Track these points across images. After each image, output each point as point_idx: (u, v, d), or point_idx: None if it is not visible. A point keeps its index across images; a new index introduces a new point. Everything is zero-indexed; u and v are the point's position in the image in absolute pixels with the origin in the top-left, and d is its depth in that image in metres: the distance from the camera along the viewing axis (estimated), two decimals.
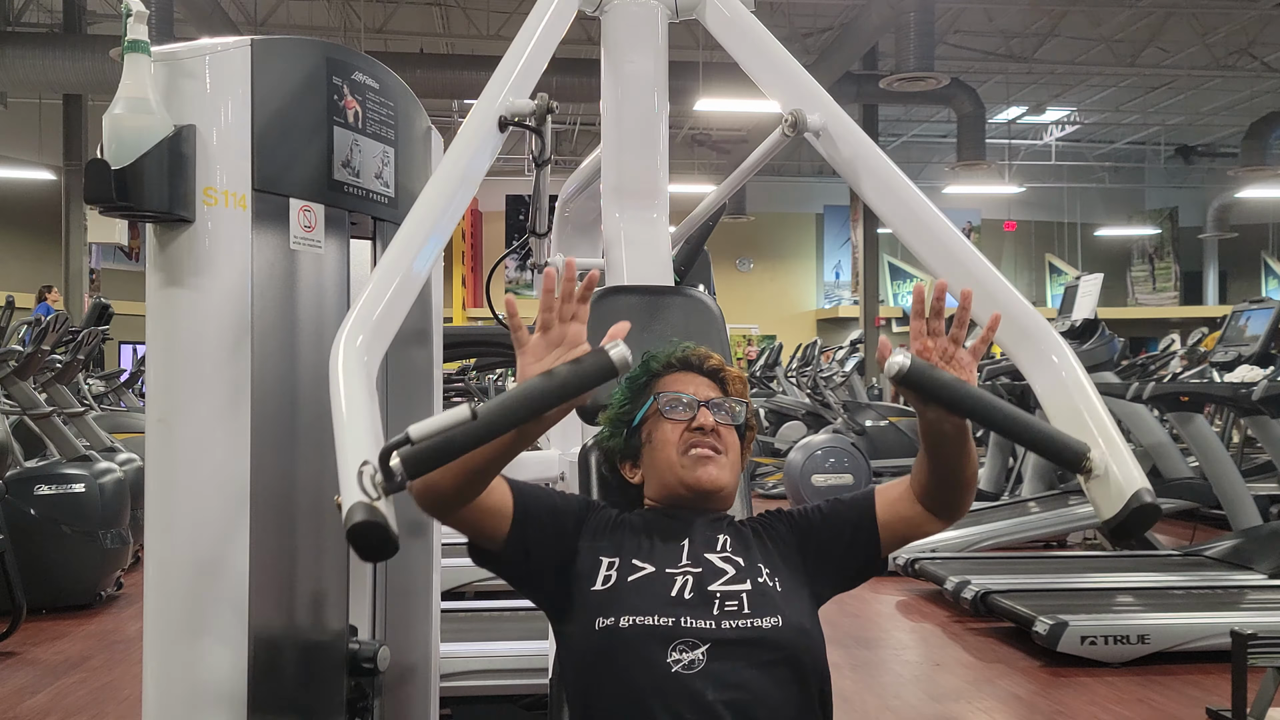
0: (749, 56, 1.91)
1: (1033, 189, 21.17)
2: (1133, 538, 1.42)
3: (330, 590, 1.81)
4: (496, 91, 1.70)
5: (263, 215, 1.65)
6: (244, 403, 1.62)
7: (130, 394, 9.34)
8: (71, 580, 5.16)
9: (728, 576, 1.44)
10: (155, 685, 1.63)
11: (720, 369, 1.61)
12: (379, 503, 1.13)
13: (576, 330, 1.30)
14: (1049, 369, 1.56)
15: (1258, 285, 22.00)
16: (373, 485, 1.14)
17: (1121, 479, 1.38)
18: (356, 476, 1.14)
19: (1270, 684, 2.90)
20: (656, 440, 1.55)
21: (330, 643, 1.79)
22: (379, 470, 1.14)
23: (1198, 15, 13.15)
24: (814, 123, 1.78)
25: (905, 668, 4.45)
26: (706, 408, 1.54)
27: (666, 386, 1.58)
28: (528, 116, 1.72)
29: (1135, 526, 1.37)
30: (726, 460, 1.54)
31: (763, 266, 21.85)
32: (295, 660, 1.74)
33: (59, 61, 10.86)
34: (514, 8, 12.39)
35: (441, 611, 2.25)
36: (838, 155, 1.82)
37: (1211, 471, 5.95)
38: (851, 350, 13.51)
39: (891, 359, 1.27)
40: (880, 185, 1.79)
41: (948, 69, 12.16)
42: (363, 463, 1.16)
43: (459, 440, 1.16)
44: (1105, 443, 1.43)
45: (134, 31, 1.54)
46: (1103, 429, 1.46)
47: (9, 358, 5.42)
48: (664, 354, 1.62)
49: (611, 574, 1.44)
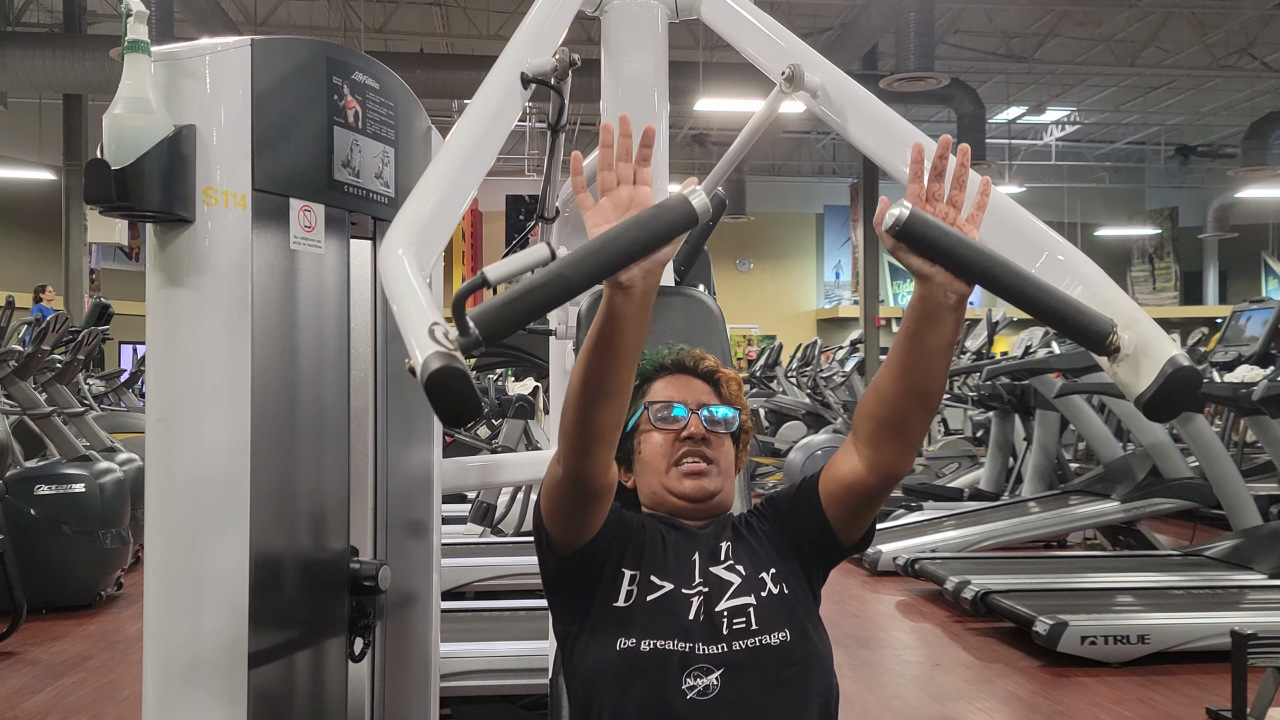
0: (746, 36, 1.90)
1: (1033, 189, 21.15)
2: (1173, 414, 1.27)
3: (331, 594, 1.81)
4: (518, 50, 1.69)
5: (263, 215, 1.65)
6: (244, 403, 1.61)
7: (130, 394, 9.35)
8: (71, 580, 5.17)
9: (734, 588, 1.42)
10: (156, 685, 1.63)
11: (715, 371, 1.57)
12: (455, 351, 1.05)
13: (645, 193, 1.20)
14: (1072, 276, 1.46)
15: (1258, 285, 22.01)
16: (447, 340, 1.07)
17: (1153, 349, 1.26)
18: (428, 333, 1.07)
19: (1270, 684, 2.90)
20: (646, 452, 1.52)
21: (333, 676, 1.79)
22: (453, 324, 1.06)
23: (1198, 15, 13.15)
24: (811, 82, 1.75)
25: (905, 668, 4.45)
26: (697, 415, 1.50)
27: (658, 393, 1.54)
28: (550, 75, 1.70)
29: (1174, 396, 1.22)
30: (718, 469, 1.51)
31: (763, 266, 21.84)
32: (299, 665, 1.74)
33: (59, 61, 10.86)
34: (514, 8, 12.38)
35: (441, 611, 2.25)
36: (834, 110, 1.78)
37: (1211, 471, 5.95)
38: (851, 350, 13.50)
39: (890, 210, 1.17)
40: (879, 130, 1.76)
41: (948, 69, 12.15)
42: (433, 323, 1.09)
43: (539, 289, 1.06)
44: (1133, 322, 1.30)
45: (134, 31, 1.54)
46: (1128, 311, 1.33)
47: (9, 358, 5.42)
48: (656, 356, 1.58)
49: (633, 589, 1.42)
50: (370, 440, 1.94)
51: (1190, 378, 1.21)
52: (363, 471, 1.93)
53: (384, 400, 1.95)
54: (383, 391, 1.95)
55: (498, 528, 5.97)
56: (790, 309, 22.01)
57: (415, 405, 2.07)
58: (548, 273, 1.07)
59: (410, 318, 1.15)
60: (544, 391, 7.51)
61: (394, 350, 1.96)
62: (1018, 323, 13.20)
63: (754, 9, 1.93)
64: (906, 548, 6.19)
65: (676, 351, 1.59)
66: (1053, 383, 6.65)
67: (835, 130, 1.84)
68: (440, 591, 2.24)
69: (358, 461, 1.91)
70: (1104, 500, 6.40)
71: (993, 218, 1.34)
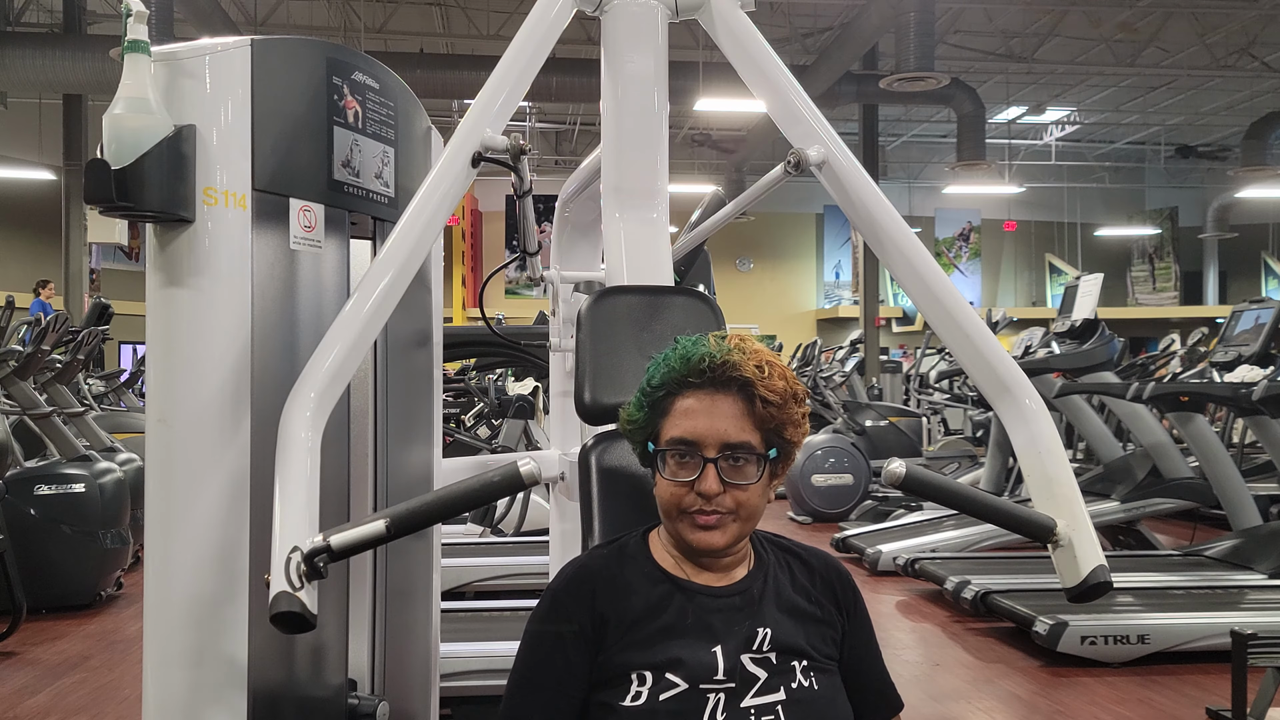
0: (749, 71, 1.94)
1: (1033, 189, 21.17)
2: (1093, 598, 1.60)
3: (331, 592, 1.80)
4: (473, 125, 1.73)
5: (263, 215, 1.65)
6: (244, 403, 1.61)
7: (130, 394, 9.35)
8: (71, 580, 5.16)
9: (760, 683, 1.30)
10: (156, 685, 1.63)
11: (752, 383, 1.32)
12: (300, 592, 1.32)
13: None
14: (1025, 427, 1.70)
15: (1258, 285, 22.02)
16: (298, 575, 1.32)
17: (1083, 554, 1.56)
18: (285, 563, 1.33)
19: (1270, 684, 2.90)
20: (660, 488, 1.35)
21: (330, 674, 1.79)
22: (304, 564, 1.33)
23: (1197, 15, 13.15)
24: (814, 157, 1.82)
25: (905, 668, 4.45)
26: (715, 466, 1.30)
27: (677, 421, 1.33)
28: (501, 153, 1.75)
29: (1091, 598, 1.57)
30: (735, 518, 1.33)
31: (763, 266, 21.85)
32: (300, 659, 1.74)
33: (59, 61, 10.86)
34: (514, 8, 12.38)
35: (441, 611, 2.25)
36: (840, 193, 1.86)
37: (1211, 471, 5.95)
38: (851, 350, 13.50)
39: (889, 468, 1.48)
40: (881, 232, 1.83)
41: (948, 69, 12.16)
42: (292, 549, 1.34)
43: (374, 544, 1.38)
44: (1070, 515, 1.59)
45: (134, 31, 1.54)
46: (1068, 500, 1.61)
47: (9, 358, 5.42)
48: (680, 363, 1.35)
49: (643, 691, 1.28)
50: (370, 440, 1.94)
51: (1106, 588, 1.55)
52: (362, 471, 1.93)
53: (384, 400, 1.95)
54: (382, 392, 1.95)
55: (498, 528, 5.97)
56: (790, 309, 22.02)
57: (415, 405, 2.07)
58: (383, 536, 1.37)
59: (280, 531, 1.38)
60: (544, 391, 7.51)
61: (393, 351, 1.96)
62: (1018, 323, 13.22)
63: (754, 31, 1.95)
64: (906, 548, 6.19)
65: (707, 358, 1.34)
66: (1053, 383, 6.64)
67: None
68: (440, 591, 2.24)
69: (358, 461, 1.91)
70: (1104, 500, 6.39)
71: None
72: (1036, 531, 1.58)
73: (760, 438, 1.33)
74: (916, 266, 1.81)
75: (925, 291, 1.80)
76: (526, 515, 6.02)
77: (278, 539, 1.37)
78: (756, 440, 1.33)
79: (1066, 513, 1.60)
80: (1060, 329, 6.88)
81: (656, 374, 1.37)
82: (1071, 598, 1.58)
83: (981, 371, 1.78)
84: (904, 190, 21.41)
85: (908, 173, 21.66)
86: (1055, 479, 1.64)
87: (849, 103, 13.59)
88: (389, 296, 1.62)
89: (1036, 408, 1.71)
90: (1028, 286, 23.46)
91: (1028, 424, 1.70)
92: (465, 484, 1.41)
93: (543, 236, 2.43)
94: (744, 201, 2.21)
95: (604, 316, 1.76)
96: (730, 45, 1.95)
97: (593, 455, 1.69)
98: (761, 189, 2.05)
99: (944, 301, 1.79)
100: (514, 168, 1.83)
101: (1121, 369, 7.38)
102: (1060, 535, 1.57)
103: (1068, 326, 6.76)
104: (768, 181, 2.01)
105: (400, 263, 1.63)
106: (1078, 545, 1.57)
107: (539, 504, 6.07)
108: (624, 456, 1.65)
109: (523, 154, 1.79)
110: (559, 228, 2.98)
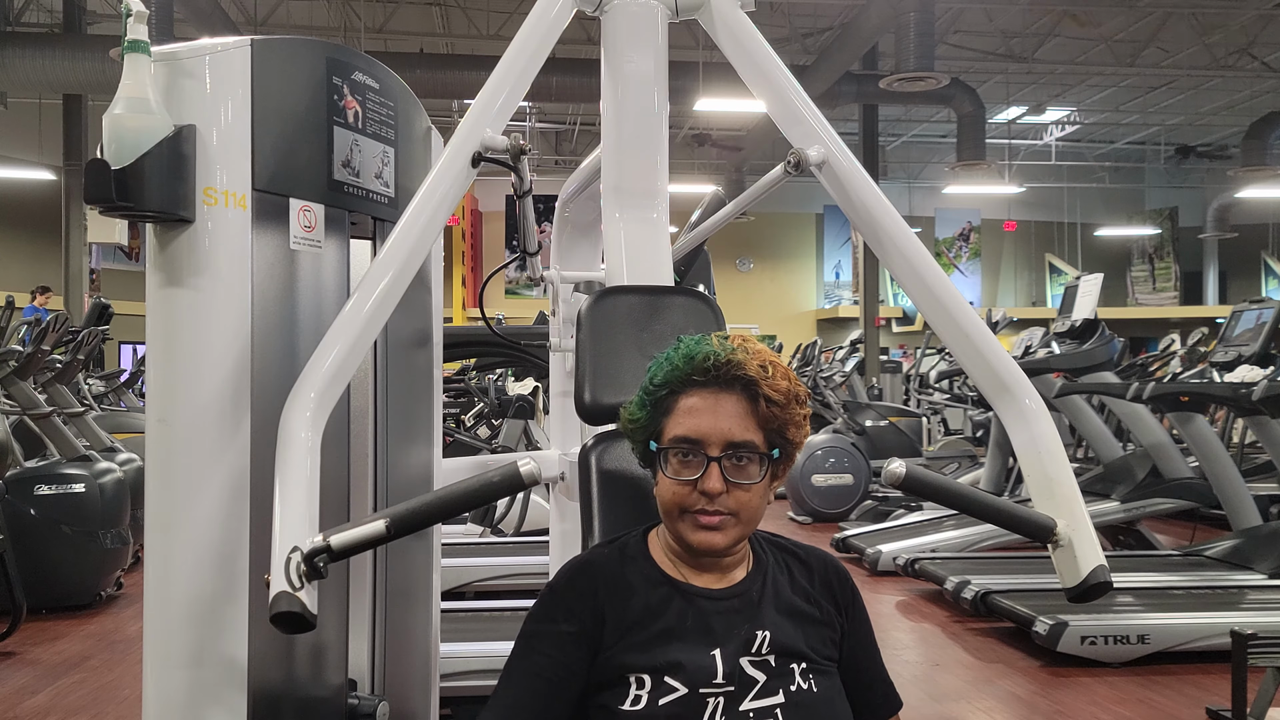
0: (749, 71, 1.94)
1: (1033, 189, 21.17)
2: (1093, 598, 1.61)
3: (331, 592, 1.80)
4: (473, 125, 1.73)
5: (263, 215, 1.65)
6: (244, 403, 1.61)
7: (130, 394, 9.35)
8: (71, 580, 5.16)
9: (759, 686, 1.30)
10: (155, 685, 1.63)
11: (756, 383, 1.32)
12: (300, 592, 1.32)
13: None
14: (1026, 427, 1.70)
15: (1258, 285, 22.02)
16: (297, 575, 1.33)
17: (1083, 554, 1.57)
18: (285, 563, 1.33)
19: (1270, 684, 2.90)
20: (661, 487, 1.35)
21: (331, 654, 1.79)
22: (304, 564, 1.34)
23: (1197, 15, 13.15)
24: (814, 157, 1.83)
25: (905, 668, 4.45)
26: (718, 464, 1.30)
27: (681, 419, 1.33)
28: (501, 153, 1.75)
29: (1091, 597, 1.58)
30: (737, 520, 1.32)
31: (763, 266, 21.85)
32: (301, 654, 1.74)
33: (59, 61, 10.86)
34: (514, 8, 12.39)
35: (441, 611, 2.25)
36: (840, 193, 1.86)
37: (1211, 471, 5.95)
38: (851, 350, 13.50)
39: (889, 468, 1.50)
40: (881, 232, 1.84)
41: (948, 69, 12.16)
42: (292, 549, 1.34)
43: (374, 544, 1.38)
44: (1070, 515, 1.60)
45: (134, 31, 1.54)
46: (1068, 500, 1.62)
47: (9, 358, 5.42)
48: (684, 362, 1.35)
49: (642, 695, 1.28)
50: (370, 440, 1.94)
51: (1106, 588, 1.56)
52: (363, 471, 1.93)
53: (384, 400, 1.95)
54: (382, 391, 1.95)
55: (498, 528, 5.97)
56: (790, 309, 22.02)
57: (415, 405, 2.07)
58: (383, 536, 1.37)
59: (280, 532, 1.37)
60: (544, 391, 7.51)
61: (393, 351, 1.96)
62: (1018, 323, 13.21)
63: (756, 33, 1.95)
64: (906, 548, 6.19)
65: (710, 357, 1.33)
66: (1053, 383, 6.64)
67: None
68: (440, 591, 2.24)
69: (358, 461, 1.91)
70: (1104, 500, 6.39)
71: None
72: (1036, 531, 1.59)
73: (763, 437, 1.33)
74: (916, 266, 1.81)
75: (925, 291, 1.80)
76: (526, 515, 6.02)
77: (278, 539, 1.36)
78: (759, 440, 1.33)
79: (1066, 513, 1.61)
80: (1060, 329, 6.88)
81: (659, 373, 1.37)
82: (1071, 598, 1.59)
83: (981, 371, 1.78)
84: (904, 190, 21.42)
85: (908, 173, 21.66)
86: (1055, 479, 1.64)
87: (849, 103, 13.59)
88: (389, 296, 1.61)
89: (1036, 408, 1.71)
90: (1028, 286, 23.47)
91: (1028, 424, 1.70)
92: (465, 484, 1.42)
93: (543, 236, 2.43)
94: (744, 201, 2.21)
95: (604, 316, 1.76)
96: (730, 45, 1.95)
97: (593, 455, 1.69)
98: (761, 189, 2.06)
99: (944, 301, 1.79)
100: (514, 168, 1.83)
101: (1121, 369, 7.38)
102: (1060, 535, 1.58)
103: (1068, 326, 6.76)
104: (768, 181, 2.02)
105: (400, 263, 1.63)
106: (1078, 545, 1.58)
107: (539, 504, 6.07)
108: (624, 457, 1.65)
109: (523, 154, 1.79)
110: (559, 228, 2.98)
